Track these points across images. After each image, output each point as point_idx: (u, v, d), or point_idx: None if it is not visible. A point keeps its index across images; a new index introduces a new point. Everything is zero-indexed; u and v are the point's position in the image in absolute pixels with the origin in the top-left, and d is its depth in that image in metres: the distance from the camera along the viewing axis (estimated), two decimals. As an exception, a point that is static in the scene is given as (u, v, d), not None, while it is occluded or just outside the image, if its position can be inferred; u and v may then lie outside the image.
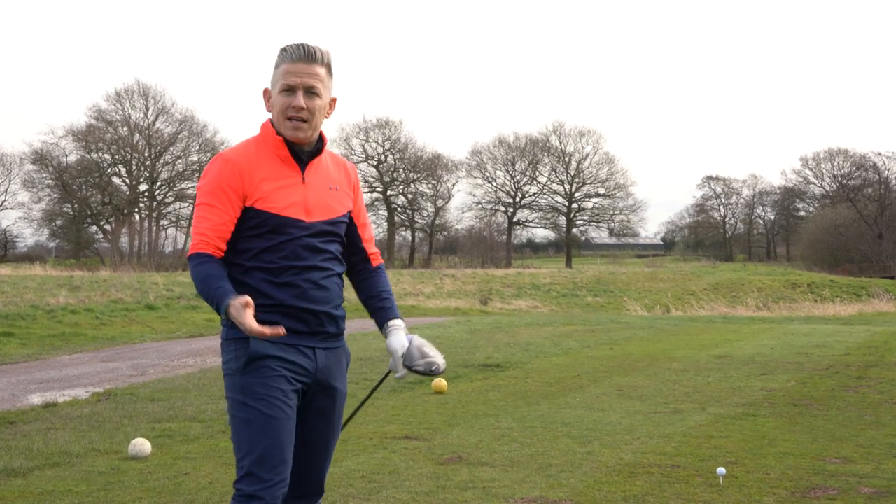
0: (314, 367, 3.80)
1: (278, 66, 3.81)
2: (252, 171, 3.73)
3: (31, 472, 7.54)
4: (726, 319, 29.29)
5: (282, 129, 3.79)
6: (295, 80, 3.75)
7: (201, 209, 3.72)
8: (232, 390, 3.73)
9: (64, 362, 16.33)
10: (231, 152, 3.80)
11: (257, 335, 3.40)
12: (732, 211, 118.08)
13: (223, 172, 3.72)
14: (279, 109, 3.77)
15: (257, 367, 3.69)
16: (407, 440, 8.66)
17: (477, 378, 13.41)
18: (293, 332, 3.74)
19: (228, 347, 3.76)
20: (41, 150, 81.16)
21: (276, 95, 3.79)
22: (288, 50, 3.79)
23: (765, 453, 7.94)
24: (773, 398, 11.16)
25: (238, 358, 3.71)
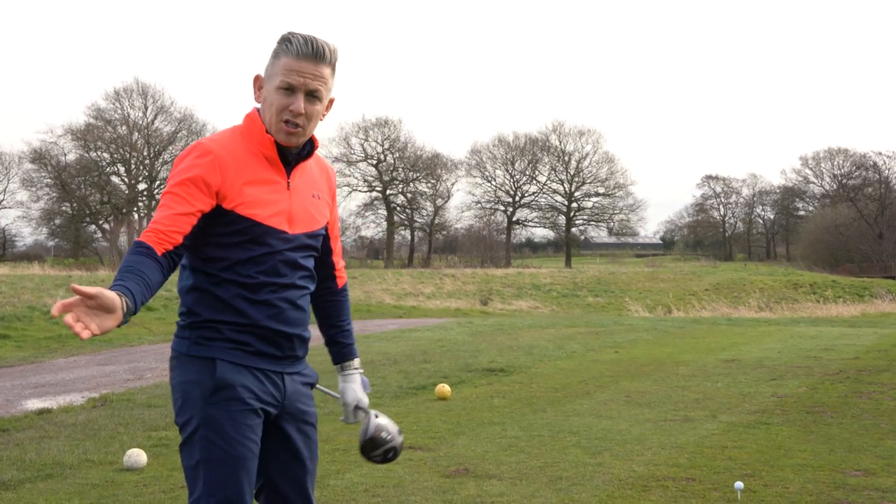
0: (282, 396, 3.48)
1: (278, 56, 3.38)
2: (236, 170, 3.33)
3: (22, 484, 7.29)
4: (731, 321, 29.02)
5: (273, 129, 3.40)
6: (297, 79, 3.34)
7: (167, 197, 3.24)
8: (194, 420, 3.31)
9: (60, 366, 16.07)
10: (213, 143, 3.36)
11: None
12: (732, 210, 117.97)
13: (200, 164, 3.28)
14: (275, 109, 3.36)
15: (224, 397, 3.31)
16: (411, 450, 8.40)
17: (481, 383, 13.15)
18: (264, 355, 3.41)
19: (189, 366, 3.36)
20: (40, 149, 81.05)
21: (273, 91, 3.37)
22: (293, 42, 3.35)
23: (781, 465, 7.68)
24: (785, 405, 10.90)
25: (202, 383, 3.32)
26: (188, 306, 3.42)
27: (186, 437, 3.32)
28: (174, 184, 3.25)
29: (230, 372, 3.32)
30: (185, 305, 3.43)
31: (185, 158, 3.32)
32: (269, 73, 3.41)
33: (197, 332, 3.37)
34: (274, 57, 3.39)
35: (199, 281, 3.39)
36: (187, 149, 3.36)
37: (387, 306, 37.39)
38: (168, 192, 3.24)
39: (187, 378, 3.35)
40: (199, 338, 3.36)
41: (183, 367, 3.38)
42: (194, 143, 3.36)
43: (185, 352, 3.39)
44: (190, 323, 3.40)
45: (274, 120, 3.37)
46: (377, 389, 12.25)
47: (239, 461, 3.28)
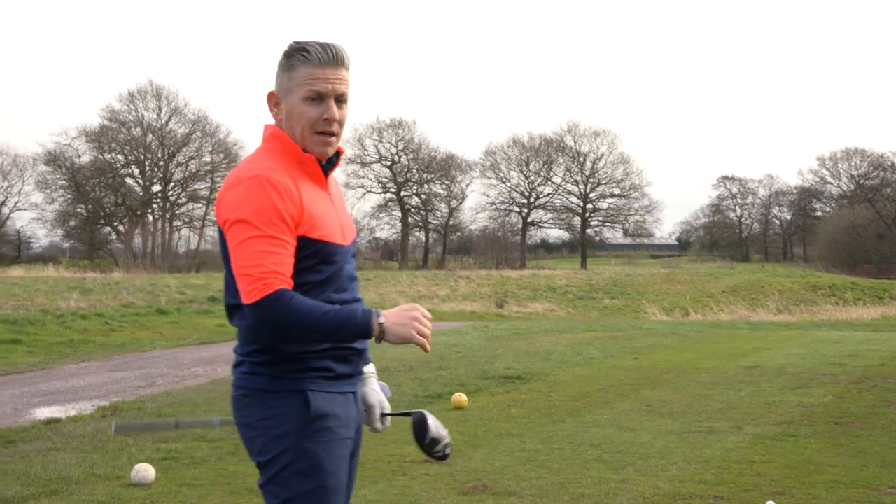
0: (358, 416, 3.36)
1: (294, 67, 3.18)
2: (300, 193, 3.11)
3: (26, 500, 7.08)
4: (751, 325, 28.69)
5: (308, 143, 3.20)
6: (325, 86, 3.16)
7: (262, 242, 2.99)
8: (285, 456, 3.11)
9: (71, 372, 15.87)
10: (270, 172, 3.09)
11: (424, 344, 3.02)
12: (748, 211, 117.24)
13: (277, 196, 3.04)
14: (306, 122, 3.17)
15: (317, 428, 3.13)
16: (427, 464, 8.14)
17: (498, 391, 12.87)
18: (342, 377, 3.24)
19: (272, 401, 3.14)
20: (54, 151, 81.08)
21: (299, 104, 3.17)
22: (311, 51, 3.17)
23: (813, 481, 7.39)
24: (812, 415, 10.59)
25: (291, 416, 3.11)
26: (263, 343, 3.16)
27: (274, 473, 3.11)
28: (261, 225, 3.01)
29: (322, 402, 3.15)
30: (258, 343, 3.17)
31: (253, 195, 3.05)
32: (286, 86, 3.21)
33: (279, 367, 3.15)
34: (289, 70, 3.20)
35: None
36: (251, 184, 3.07)
37: (401, 309, 37.10)
38: (263, 235, 3.00)
39: (270, 413, 3.13)
40: (283, 371, 3.14)
41: (262, 404, 3.15)
42: (253, 178, 3.07)
43: (264, 388, 3.15)
44: (268, 360, 3.15)
45: (307, 133, 3.19)
46: (391, 398, 11.95)
47: (332, 494, 3.13)
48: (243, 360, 3.22)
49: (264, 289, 2.94)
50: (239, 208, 3.03)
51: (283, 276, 2.98)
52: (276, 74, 3.27)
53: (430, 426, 3.50)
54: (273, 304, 2.93)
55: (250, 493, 7.13)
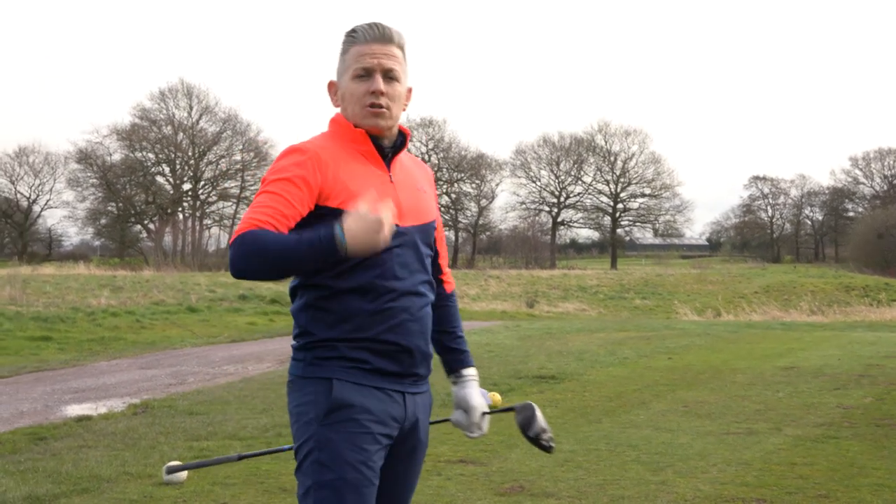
0: (403, 417, 3.18)
1: (346, 51, 3.25)
2: (336, 166, 3.09)
3: (57, 499, 6.98)
4: (785, 326, 28.41)
5: (360, 119, 3.19)
6: (371, 61, 3.18)
7: (265, 197, 2.99)
8: (308, 443, 3.05)
9: (102, 369, 15.84)
10: (308, 143, 3.14)
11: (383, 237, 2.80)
12: (780, 211, 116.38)
13: (300, 162, 3.05)
14: (356, 98, 3.18)
15: (340, 418, 3.03)
16: (462, 464, 8.01)
17: (532, 391, 12.73)
18: (384, 373, 3.12)
19: (305, 388, 3.10)
20: (86, 150, 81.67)
21: (350, 83, 3.20)
22: (358, 31, 3.23)
23: (857, 485, 7.21)
24: (852, 417, 10.40)
25: (317, 403, 3.05)
26: (302, 326, 3.16)
27: (300, 461, 3.08)
28: (272, 180, 3.03)
29: (348, 391, 3.05)
30: (299, 326, 3.18)
31: (280, 161, 3.10)
32: (340, 70, 3.27)
33: (312, 353, 3.12)
34: (342, 54, 3.27)
35: (310, 297, 3.12)
36: (282, 153, 3.14)
37: (432, 308, 37.03)
38: (266, 191, 3.01)
39: (302, 401, 3.10)
40: (315, 358, 3.10)
41: (298, 391, 3.13)
42: (288, 148, 3.14)
43: (300, 374, 3.14)
44: (305, 344, 3.15)
45: (358, 108, 3.19)
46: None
47: (352, 486, 2.99)
48: (293, 346, 3.21)
49: (240, 229, 2.89)
50: (266, 175, 3.08)
51: (266, 223, 2.91)
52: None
53: (537, 417, 3.52)
54: (240, 240, 2.86)
55: (283, 492, 7.03)
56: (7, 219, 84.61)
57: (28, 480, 7.50)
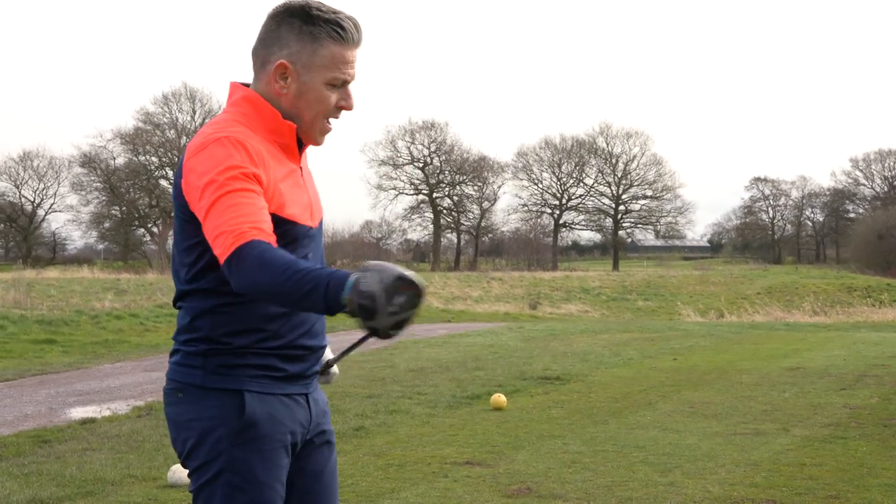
0: (309, 420, 2.98)
1: (322, 43, 2.79)
2: (269, 166, 2.75)
3: (61, 502, 6.96)
4: (789, 326, 28.38)
5: (313, 130, 2.88)
6: (350, 72, 2.83)
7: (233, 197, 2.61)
8: (216, 463, 2.79)
9: (106, 371, 15.80)
10: (233, 132, 2.73)
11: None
12: (781, 213, 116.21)
13: (245, 154, 2.69)
14: (321, 107, 2.83)
15: (254, 435, 2.80)
16: (469, 466, 7.97)
17: (537, 392, 12.68)
18: (291, 378, 2.90)
19: (206, 400, 2.81)
20: (89, 154, 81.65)
21: (320, 86, 2.81)
22: (346, 28, 2.80)
23: (867, 485, 7.17)
24: (860, 417, 10.36)
25: (225, 419, 2.78)
26: (202, 332, 2.84)
27: (205, 482, 2.80)
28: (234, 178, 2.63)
29: (260, 405, 2.81)
30: (196, 331, 2.85)
31: (221, 152, 2.68)
32: (306, 61, 2.80)
33: (215, 360, 2.82)
34: (312, 41, 2.80)
35: (219, 300, 2.80)
36: (210, 144, 2.70)
37: (434, 310, 36.96)
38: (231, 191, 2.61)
39: (205, 414, 2.81)
40: (219, 366, 2.82)
41: (196, 402, 2.83)
42: (217, 139, 2.70)
43: (198, 383, 2.83)
44: (205, 350, 2.84)
45: (318, 119, 2.86)
46: (429, 398, 11.84)
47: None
48: (178, 350, 2.89)
49: (236, 240, 2.54)
50: (205, 173, 2.66)
51: (259, 227, 2.58)
52: (279, 38, 2.82)
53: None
54: (244, 256, 2.52)
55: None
56: (11, 223, 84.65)
57: (32, 483, 7.47)
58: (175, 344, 2.92)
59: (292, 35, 2.80)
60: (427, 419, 10.41)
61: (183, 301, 2.89)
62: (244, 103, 2.86)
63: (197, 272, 2.81)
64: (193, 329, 2.85)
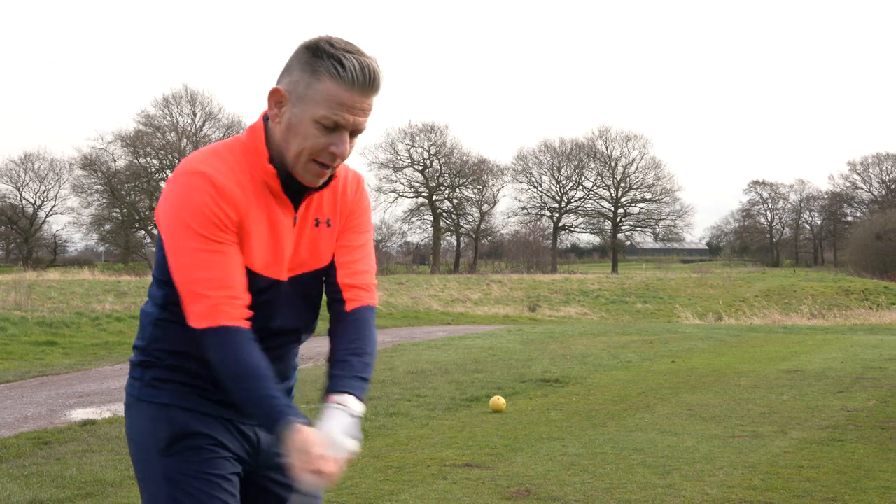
0: (255, 452, 2.95)
1: (318, 75, 2.65)
2: (246, 209, 2.72)
3: (61, 503, 6.97)
4: (787, 329, 28.39)
5: (296, 167, 2.72)
6: (347, 117, 2.65)
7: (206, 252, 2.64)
8: (150, 476, 2.80)
9: (106, 373, 15.83)
10: (213, 170, 2.68)
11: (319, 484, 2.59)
12: (779, 216, 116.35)
13: (218, 199, 2.66)
14: (309, 146, 2.67)
15: (185, 447, 2.78)
16: (468, 468, 8.00)
17: (536, 395, 12.71)
18: (228, 405, 2.86)
19: (142, 413, 2.83)
20: (90, 156, 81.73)
21: (309, 123, 2.66)
22: (347, 67, 2.63)
23: (864, 487, 7.20)
24: (857, 420, 10.39)
25: (156, 432, 2.79)
26: (146, 340, 2.87)
27: (148, 498, 2.82)
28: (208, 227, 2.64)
29: (190, 419, 2.80)
30: (143, 339, 2.88)
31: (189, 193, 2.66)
32: (301, 93, 2.68)
33: (151, 373, 2.84)
34: (311, 74, 2.67)
35: (168, 313, 2.81)
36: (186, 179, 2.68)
37: (434, 312, 37.01)
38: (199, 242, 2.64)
39: (140, 427, 2.84)
40: (154, 379, 2.84)
41: (134, 416, 2.87)
42: (194, 173, 2.67)
43: (136, 395, 2.86)
44: (142, 361, 2.86)
45: (303, 157, 2.69)
46: (429, 401, 11.87)
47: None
48: (134, 362, 2.92)
49: (214, 317, 2.62)
50: (179, 210, 2.65)
51: (234, 294, 2.64)
52: (290, 66, 2.73)
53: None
54: (220, 343, 2.63)
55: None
56: (12, 225, 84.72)
57: (32, 485, 7.49)
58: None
59: (298, 65, 2.71)
60: (426, 421, 10.44)
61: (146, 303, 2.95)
62: (248, 133, 2.80)
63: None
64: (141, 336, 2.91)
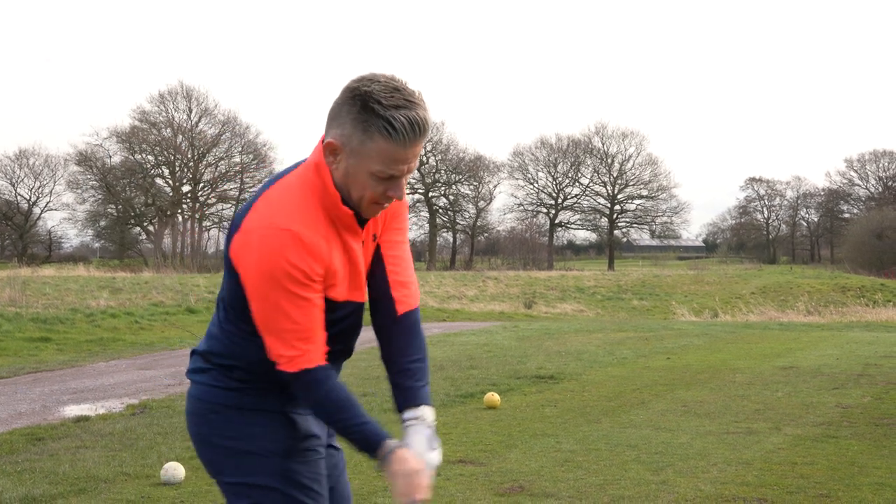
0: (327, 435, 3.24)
1: (371, 136, 2.75)
2: (330, 256, 2.87)
3: (54, 499, 6.97)
4: (782, 326, 28.41)
5: (361, 207, 2.88)
6: (401, 168, 2.81)
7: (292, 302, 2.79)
8: (265, 478, 2.96)
9: (100, 370, 15.81)
10: (301, 226, 2.79)
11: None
12: (776, 213, 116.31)
13: (306, 255, 2.78)
14: (368, 195, 2.83)
15: (304, 447, 3.03)
16: (462, 464, 7.99)
17: (531, 391, 12.71)
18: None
19: (248, 419, 2.98)
20: (85, 152, 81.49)
21: (366, 176, 2.79)
22: (397, 128, 2.73)
23: (858, 483, 7.20)
24: (851, 416, 10.39)
25: (275, 437, 2.98)
26: (243, 359, 2.98)
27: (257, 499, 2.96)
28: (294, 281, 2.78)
29: (304, 421, 3.05)
30: (236, 359, 2.99)
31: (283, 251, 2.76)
32: (354, 148, 2.78)
33: (256, 385, 2.99)
34: (363, 131, 2.75)
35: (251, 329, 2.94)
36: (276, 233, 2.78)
37: (430, 309, 36.99)
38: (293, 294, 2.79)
39: (249, 432, 2.97)
40: (260, 389, 2.99)
41: (236, 421, 2.98)
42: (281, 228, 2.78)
43: (234, 404, 2.98)
44: (244, 377, 2.99)
45: (364, 201, 2.86)
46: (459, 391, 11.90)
47: None
48: (210, 369, 3.01)
49: (304, 362, 2.83)
50: (270, 267, 2.76)
51: (316, 338, 2.86)
52: (339, 115, 2.81)
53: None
54: (310, 383, 2.86)
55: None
56: (7, 221, 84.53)
57: (25, 481, 7.48)
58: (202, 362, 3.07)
59: (349, 118, 2.78)
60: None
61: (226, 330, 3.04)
62: (315, 175, 2.89)
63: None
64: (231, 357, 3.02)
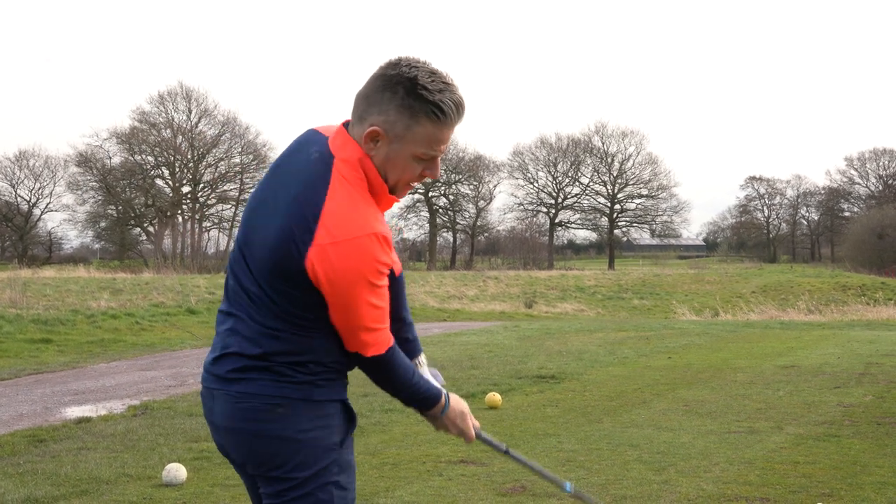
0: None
1: (418, 121, 2.90)
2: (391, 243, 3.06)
3: (56, 501, 6.97)
4: (783, 325, 28.40)
5: (396, 189, 3.01)
6: (442, 148, 2.97)
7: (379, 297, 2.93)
8: (328, 468, 3.03)
9: (101, 371, 15.81)
10: (380, 225, 2.92)
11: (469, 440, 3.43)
12: (776, 212, 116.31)
13: (388, 251, 2.93)
14: (407, 174, 2.97)
15: (351, 440, 3.16)
16: (463, 465, 7.99)
17: (532, 391, 12.70)
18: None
19: (315, 411, 3.03)
20: (85, 153, 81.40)
21: (408, 159, 2.94)
22: (446, 112, 2.91)
23: (860, 483, 7.19)
24: (853, 415, 10.37)
25: (336, 427, 3.08)
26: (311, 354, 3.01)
27: (316, 486, 3.01)
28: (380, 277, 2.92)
29: (352, 411, 3.17)
30: (305, 355, 3.01)
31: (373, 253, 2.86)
32: (398, 133, 2.90)
33: (320, 376, 3.04)
34: (410, 118, 2.89)
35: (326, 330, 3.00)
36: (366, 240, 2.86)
37: (431, 309, 36.99)
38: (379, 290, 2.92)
39: (316, 424, 3.03)
40: (323, 380, 3.04)
41: (304, 414, 3.01)
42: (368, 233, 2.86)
43: (302, 397, 3.00)
44: (316, 370, 3.03)
45: (401, 184, 3.00)
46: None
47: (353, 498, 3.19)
48: (269, 366, 3.00)
49: (381, 346, 2.99)
50: (364, 271, 2.85)
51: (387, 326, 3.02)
52: (382, 103, 2.91)
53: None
54: (392, 359, 3.03)
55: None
56: (7, 222, 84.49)
57: (27, 482, 7.48)
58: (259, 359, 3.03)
59: (393, 104, 2.88)
60: (422, 418, 10.40)
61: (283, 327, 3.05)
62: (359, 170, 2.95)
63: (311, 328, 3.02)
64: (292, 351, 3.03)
